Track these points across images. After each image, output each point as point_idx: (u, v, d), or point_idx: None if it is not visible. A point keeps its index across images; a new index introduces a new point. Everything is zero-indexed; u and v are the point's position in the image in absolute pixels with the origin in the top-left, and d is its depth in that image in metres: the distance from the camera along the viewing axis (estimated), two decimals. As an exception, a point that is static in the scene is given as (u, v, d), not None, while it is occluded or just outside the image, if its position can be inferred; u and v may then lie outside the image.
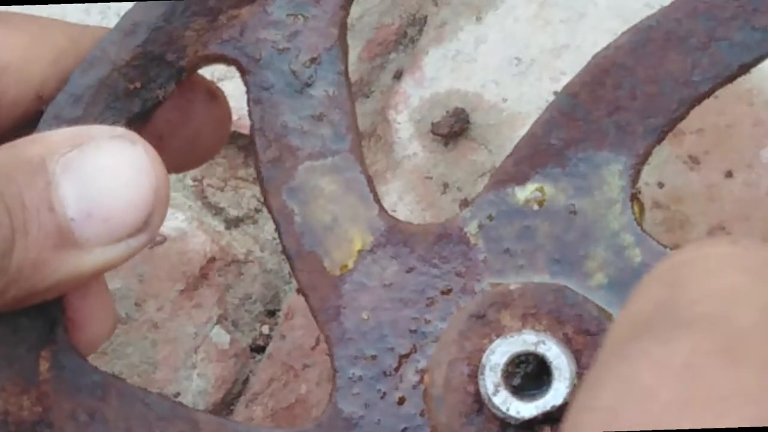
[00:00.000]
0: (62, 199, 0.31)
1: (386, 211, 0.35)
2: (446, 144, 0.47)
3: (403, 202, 0.46)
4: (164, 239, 0.47)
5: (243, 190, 0.49)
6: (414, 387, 0.33)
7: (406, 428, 0.33)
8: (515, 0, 0.48)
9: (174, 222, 0.47)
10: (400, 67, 0.48)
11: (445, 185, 0.47)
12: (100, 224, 0.31)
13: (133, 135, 0.32)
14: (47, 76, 0.34)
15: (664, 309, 0.22)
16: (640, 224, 0.34)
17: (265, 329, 0.48)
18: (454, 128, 0.47)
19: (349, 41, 0.37)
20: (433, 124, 0.47)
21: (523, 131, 0.36)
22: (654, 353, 0.21)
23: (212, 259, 0.47)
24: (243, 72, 0.35)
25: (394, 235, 0.35)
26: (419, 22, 0.49)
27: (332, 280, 0.34)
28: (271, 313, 0.48)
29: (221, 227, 0.48)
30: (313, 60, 0.35)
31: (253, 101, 0.35)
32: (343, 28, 0.35)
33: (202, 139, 0.38)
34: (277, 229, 0.35)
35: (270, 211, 0.35)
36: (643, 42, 0.34)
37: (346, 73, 0.35)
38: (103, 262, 0.32)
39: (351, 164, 0.35)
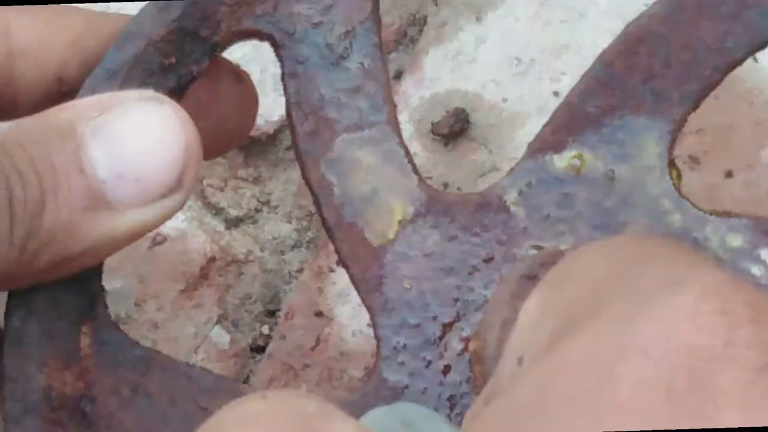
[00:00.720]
0: (92, 161, 0.31)
1: (425, 182, 0.35)
2: (446, 144, 0.47)
3: (403, 202, 0.46)
4: (164, 239, 0.47)
5: (243, 190, 0.49)
6: (459, 355, 0.34)
7: (452, 396, 0.34)
8: (515, 0, 0.48)
9: (174, 222, 0.47)
10: (400, 67, 0.48)
11: (445, 185, 0.47)
12: (132, 185, 0.31)
13: (161, 96, 0.32)
14: (66, 59, 0.34)
15: None
16: (678, 190, 0.34)
17: (265, 329, 0.48)
18: (454, 128, 0.47)
19: (349, 41, 0.37)
20: (433, 124, 0.47)
21: (523, 131, 0.36)
22: None
23: (212, 259, 0.47)
24: (277, 47, 0.35)
25: (434, 205, 0.35)
26: (419, 22, 0.49)
27: (373, 250, 0.34)
28: (271, 313, 0.48)
29: (221, 227, 0.48)
30: (347, 33, 0.35)
31: (288, 75, 0.35)
32: (376, 0, 0.36)
33: (230, 121, 0.38)
34: (316, 202, 0.35)
35: (308, 184, 0.35)
36: (675, 10, 0.34)
37: (380, 45, 0.35)
38: (138, 224, 0.32)
39: (388, 136, 0.35)
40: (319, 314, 0.46)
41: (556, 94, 0.47)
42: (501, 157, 0.46)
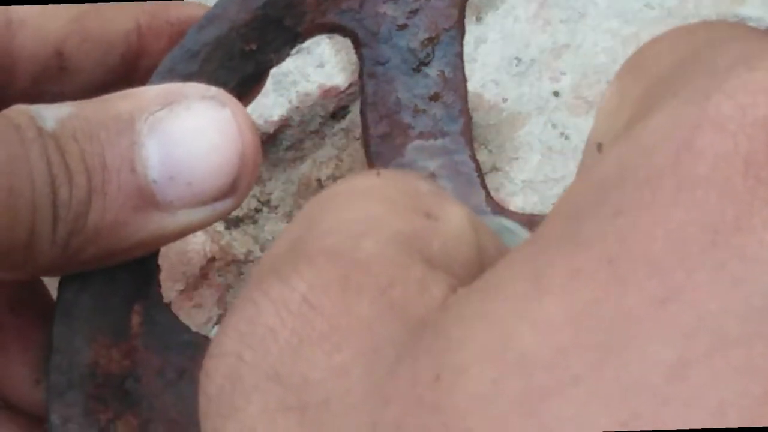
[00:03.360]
0: (145, 160, 0.31)
1: (492, 198, 0.35)
2: (446, 144, 0.47)
3: (403, 202, 0.46)
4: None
5: (243, 190, 0.49)
6: None
7: None
8: (515, 0, 0.48)
9: (174, 222, 0.47)
10: (400, 67, 0.48)
11: (445, 185, 0.47)
12: (183, 187, 0.31)
13: (224, 96, 0.32)
14: (67, 33, 0.34)
15: (295, 245, 0.21)
16: None
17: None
18: (454, 128, 0.47)
19: (349, 41, 0.37)
20: (433, 124, 0.47)
21: (523, 131, 0.36)
22: (273, 291, 0.20)
23: (212, 259, 0.47)
24: (359, 45, 0.35)
25: None
26: (419, 22, 0.49)
27: None
28: (271, 313, 0.48)
29: (221, 227, 0.48)
30: (431, 39, 0.35)
31: (367, 75, 0.35)
32: (463, 10, 0.35)
33: None
34: None
35: None
36: None
37: (461, 55, 0.35)
38: (188, 224, 0.32)
39: (461, 147, 0.35)
40: (319, 314, 0.46)
41: (556, 94, 0.47)
42: (501, 157, 0.46)
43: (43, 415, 0.33)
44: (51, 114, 0.30)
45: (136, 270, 0.33)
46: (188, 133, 0.31)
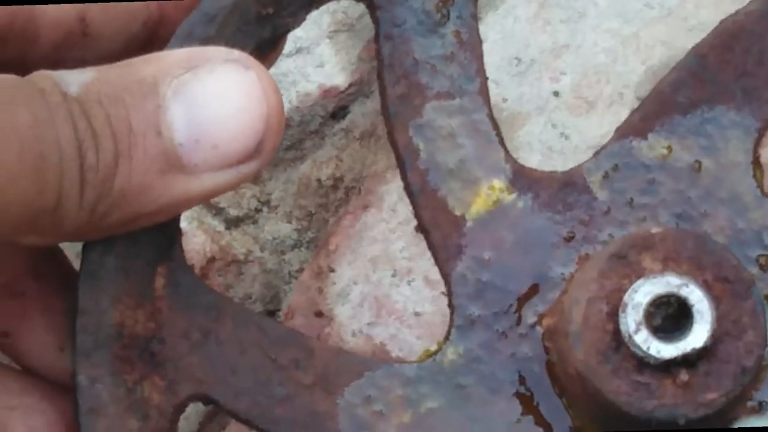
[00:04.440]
0: (171, 123, 0.31)
1: (511, 155, 0.35)
2: (446, 144, 0.47)
3: (403, 202, 0.46)
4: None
5: (243, 190, 0.49)
6: (532, 329, 0.34)
7: (520, 369, 0.34)
8: (515, 0, 0.48)
9: (174, 222, 0.47)
10: (400, 67, 0.48)
11: (445, 185, 0.47)
12: (209, 150, 0.31)
13: (247, 59, 0.32)
14: None
15: None
16: (761, 188, 0.34)
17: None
18: (454, 128, 0.47)
19: (349, 41, 0.37)
20: (433, 124, 0.47)
21: (523, 131, 0.36)
22: None
23: (212, 259, 0.47)
24: (374, 8, 0.35)
25: (519, 180, 0.35)
26: (419, 22, 0.49)
27: (455, 219, 0.35)
28: (271, 313, 0.48)
29: (221, 227, 0.48)
30: (445, 1, 0.35)
31: (383, 37, 0.35)
32: None
33: None
34: (401, 166, 0.35)
35: (394, 148, 0.35)
36: None
37: (476, 16, 0.35)
38: (213, 187, 0.32)
39: (479, 106, 0.35)
40: (319, 314, 0.46)
41: (556, 94, 0.47)
42: (501, 157, 0.46)
43: (66, 383, 0.33)
44: (74, 79, 0.30)
45: (159, 233, 0.33)
46: (213, 95, 0.31)
